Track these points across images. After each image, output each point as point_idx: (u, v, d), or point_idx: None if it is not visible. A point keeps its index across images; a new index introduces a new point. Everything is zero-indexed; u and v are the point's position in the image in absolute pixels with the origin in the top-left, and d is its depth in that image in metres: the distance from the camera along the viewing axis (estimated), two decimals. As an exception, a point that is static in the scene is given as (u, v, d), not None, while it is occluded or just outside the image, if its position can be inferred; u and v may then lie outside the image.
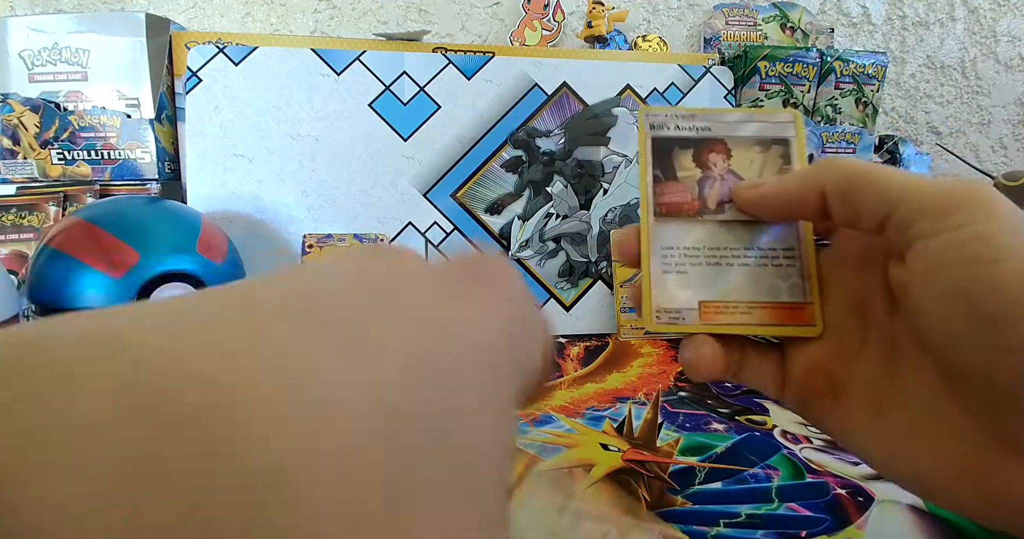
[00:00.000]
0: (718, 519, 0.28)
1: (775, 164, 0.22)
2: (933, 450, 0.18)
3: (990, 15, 0.99)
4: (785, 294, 0.21)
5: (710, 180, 0.22)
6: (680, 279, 0.21)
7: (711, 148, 0.22)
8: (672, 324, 0.21)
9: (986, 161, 1.05)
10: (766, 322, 0.21)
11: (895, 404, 0.19)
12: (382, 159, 0.64)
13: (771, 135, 0.22)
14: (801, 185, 0.20)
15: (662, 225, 0.22)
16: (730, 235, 0.22)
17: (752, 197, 0.21)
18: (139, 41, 0.62)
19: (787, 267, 0.21)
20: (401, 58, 0.66)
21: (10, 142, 0.61)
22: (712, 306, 0.21)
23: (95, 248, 0.43)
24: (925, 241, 0.17)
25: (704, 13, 0.92)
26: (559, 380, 0.46)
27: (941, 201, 0.17)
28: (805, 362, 0.22)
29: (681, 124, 0.22)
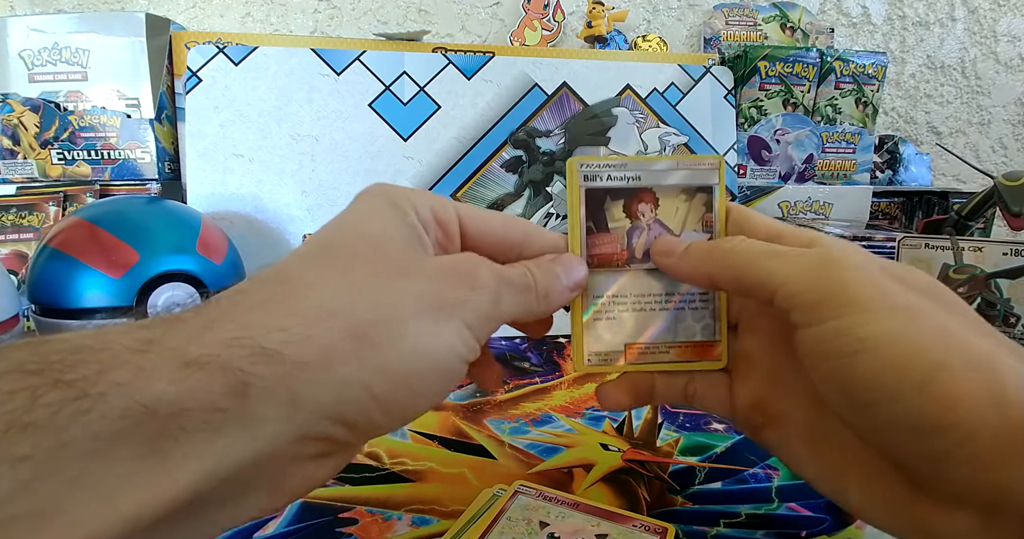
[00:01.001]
0: (718, 519, 0.28)
1: (698, 212, 0.24)
2: (862, 486, 0.20)
3: (990, 15, 0.99)
4: (699, 334, 0.24)
5: (638, 230, 0.24)
6: (609, 325, 0.24)
7: (640, 198, 0.23)
8: (601, 365, 0.24)
9: (986, 161, 1.05)
10: (681, 359, 0.24)
11: (825, 443, 0.21)
12: (382, 159, 0.64)
13: (695, 183, 0.24)
14: (695, 269, 0.22)
15: (594, 275, 0.23)
16: (654, 282, 0.24)
17: (661, 265, 0.23)
18: (139, 41, 0.62)
19: (701, 309, 0.24)
20: (401, 58, 0.66)
21: (10, 142, 0.61)
22: (636, 347, 0.24)
23: (95, 248, 0.43)
24: (800, 330, 0.18)
25: (704, 13, 0.92)
26: (559, 380, 0.46)
27: (808, 297, 0.18)
28: (746, 395, 0.24)
29: (613, 174, 0.23)
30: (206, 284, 0.46)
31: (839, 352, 0.17)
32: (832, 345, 0.17)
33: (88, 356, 0.13)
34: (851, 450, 0.20)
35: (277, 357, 0.15)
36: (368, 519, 0.28)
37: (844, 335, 0.17)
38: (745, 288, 0.20)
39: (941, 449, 0.16)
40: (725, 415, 0.24)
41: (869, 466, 0.19)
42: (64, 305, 0.42)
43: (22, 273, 0.56)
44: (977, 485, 0.16)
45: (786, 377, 0.22)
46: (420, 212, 0.20)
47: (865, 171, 0.79)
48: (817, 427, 0.21)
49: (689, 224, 0.23)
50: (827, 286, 0.18)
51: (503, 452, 0.34)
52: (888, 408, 0.16)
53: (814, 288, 0.18)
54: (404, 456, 0.34)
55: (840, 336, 0.17)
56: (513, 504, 0.28)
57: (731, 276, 0.21)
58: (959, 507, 0.17)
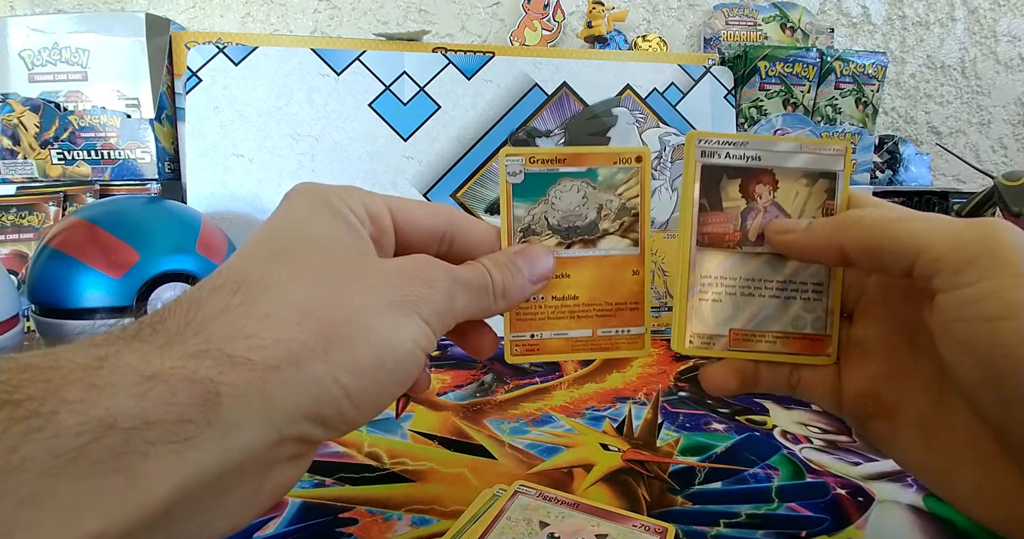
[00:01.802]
0: (718, 519, 0.28)
1: (819, 198, 0.23)
2: (973, 475, 0.19)
3: (990, 15, 0.99)
4: (809, 326, 0.23)
5: (753, 212, 0.23)
6: (714, 307, 0.23)
7: (759, 179, 0.22)
8: (703, 348, 0.23)
9: (986, 161, 1.05)
10: (787, 351, 0.23)
11: (941, 431, 0.20)
12: (382, 159, 0.64)
13: (819, 168, 0.23)
14: (823, 241, 0.21)
15: (702, 254, 0.22)
16: (765, 267, 0.23)
17: (781, 242, 0.22)
18: (139, 41, 0.62)
19: (813, 300, 0.23)
20: (401, 58, 0.66)
21: (10, 142, 0.61)
22: (741, 334, 0.23)
23: (95, 248, 0.43)
24: (941, 295, 0.17)
25: (704, 13, 0.92)
26: (559, 380, 0.46)
27: (956, 257, 0.17)
28: (858, 384, 0.23)
29: (732, 152, 0.22)
30: (206, 284, 0.46)
31: (985, 316, 0.16)
32: (977, 309, 0.16)
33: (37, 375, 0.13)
34: (966, 438, 0.19)
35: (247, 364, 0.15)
36: (368, 519, 0.28)
37: (992, 298, 0.16)
38: (882, 256, 0.19)
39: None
40: (830, 407, 0.24)
41: (983, 455, 0.19)
42: (64, 305, 0.42)
43: (22, 273, 0.56)
44: None
45: (904, 363, 0.21)
46: (355, 210, 0.20)
47: (865, 171, 0.79)
48: (932, 415, 0.20)
49: (809, 210, 0.22)
50: (979, 247, 0.17)
51: (503, 452, 0.34)
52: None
53: (964, 249, 0.17)
54: (404, 456, 0.34)
55: (988, 299, 0.16)
56: (513, 504, 0.28)
57: (866, 245, 0.19)
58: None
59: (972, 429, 0.19)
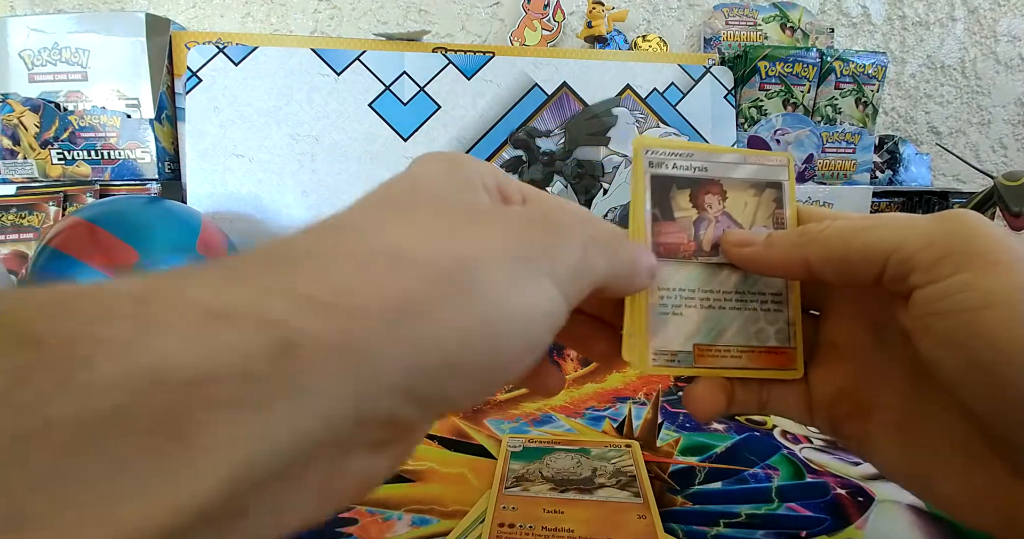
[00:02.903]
0: (718, 519, 0.28)
1: (768, 208, 0.23)
2: (956, 475, 0.19)
3: (990, 15, 0.99)
4: (772, 339, 0.22)
5: (705, 221, 0.22)
6: (676, 321, 0.22)
7: (707, 189, 0.22)
8: (667, 366, 0.21)
9: (986, 161, 1.05)
10: (753, 366, 0.22)
11: (920, 430, 0.20)
12: (382, 159, 0.64)
13: (765, 178, 0.23)
14: (785, 257, 0.20)
15: (659, 265, 0.22)
16: (723, 278, 0.22)
17: (738, 255, 0.21)
18: (139, 41, 0.62)
19: (775, 312, 0.22)
20: (401, 58, 0.66)
21: (10, 142, 0.61)
22: (705, 349, 0.22)
23: (95, 248, 0.43)
24: (918, 292, 0.17)
25: (704, 13, 0.92)
26: (559, 380, 0.46)
27: (928, 254, 0.17)
28: (830, 386, 0.22)
29: (679, 163, 0.22)
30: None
31: (963, 307, 0.16)
32: (956, 300, 0.16)
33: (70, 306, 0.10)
34: (947, 436, 0.19)
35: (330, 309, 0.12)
36: (368, 519, 0.28)
37: (970, 288, 0.16)
38: (850, 266, 0.19)
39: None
40: (800, 417, 0.23)
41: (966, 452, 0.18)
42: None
43: (22, 273, 0.56)
44: None
45: (876, 363, 0.21)
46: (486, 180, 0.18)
47: (865, 171, 0.79)
48: (909, 415, 0.20)
49: (759, 219, 0.22)
50: (951, 241, 0.17)
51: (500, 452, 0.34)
52: (1013, 370, 0.15)
53: (936, 244, 0.17)
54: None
55: (965, 289, 0.16)
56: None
57: (831, 255, 0.19)
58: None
59: (952, 428, 0.19)
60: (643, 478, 0.25)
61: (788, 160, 0.23)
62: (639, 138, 0.22)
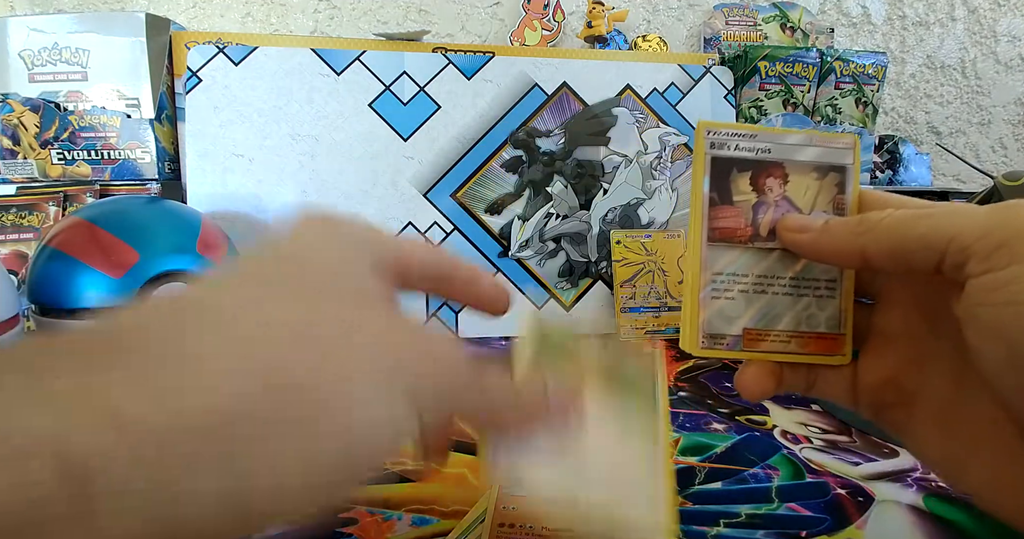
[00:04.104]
0: (718, 519, 0.28)
1: (830, 193, 0.22)
2: (988, 464, 0.19)
3: (990, 15, 0.99)
4: (822, 325, 0.22)
5: (764, 206, 0.22)
6: (727, 305, 0.22)
7: (769, 172, 0.22)
8: (713, 348, 0.22)
9: (986, 161, 1.05)
10: (801, 351, 0.22)
11: (960, 419, 0.20)
12: (382, 159, 0.64)
13: (829, 161, 0.22)
14: (842, 245, 0.20)
15: (713, 250, 0.22)
16: (777, 263, 0.22)
17: (795, 241, 0.21)
18: (139, 41, 0.62)
19: (826, 298, 0.22)
20: (401, 58, 0.66)
21: (10, 142, 0.61)
22: (754, 333, 0.22)
23: (95, 248, 0.43)
24: (972, 280, 0.17)
25: (704, 13, 0.92)
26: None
27: (985, 243, 0.17)
28: (877, 373, 0.22)
29: (741, 144, 0.22)
30: (206, 284, 0.46)
31: (1015, 299, 0.16)
32: (1007, 292, 0.16)
33: None
34: (984, 427, 0.19)
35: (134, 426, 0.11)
36: (368, 519, 0.28)
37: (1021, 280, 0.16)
38: (907, 253, 0.18)
39: None
40: (845, 401, 0.23)
41: (1001, 444, 0.19)
42: (64, 305, 0.42)
43: (22, 273, 0.56)
44: None
45: (925, 350, 0.21)
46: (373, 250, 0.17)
47: (865, 171, 0.79)
48: (951, 403, 0.20)
49: (819, 204, 0.22)
50: (1008, 231, 0.17)
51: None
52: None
53: (993, 233, 0.17)
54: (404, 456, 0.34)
55: (1018, 281, 0.16)
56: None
57: (890, 245, 0.19)
58: None
59: (991, 418, 0.19)
60: None
61: (855, 142, 0.22)
62: (702, 121, 0.22)
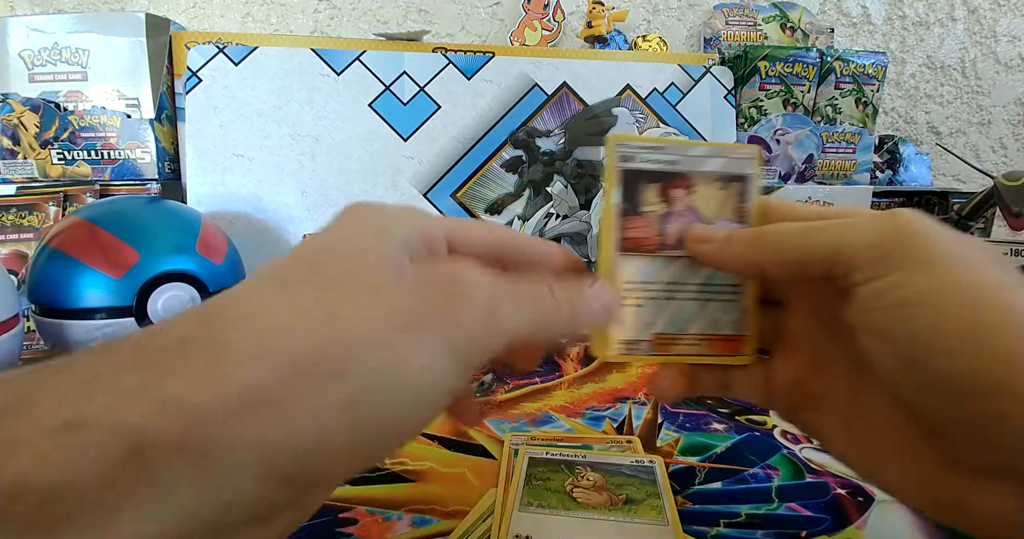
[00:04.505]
0: (718, 519, 0.28)
1: (733, 201, 0.23)
2: (897, 464, 0.19)
3: (990, 15, 0.99)
4: (727, 327, 0.23)
5: (671, 216, 0.23)
6: (637, 312, 0.23)
7: (676, 183, 0.23)
8: (627, 354, 0.23)
9: (986, 161, 1.05)
10: (708, 353, 0.23)
11: (861, 420, 0.21)
12: (382, 159, 0.64)
13: (731, 172, 0.23)
14: (740, 257, 0.21)
15: (624, 259, 0.23)
16: (685, 270, 0.23)
17: (698, 252, 0.22)
18: (139, 41, 0.62)
19: (731, 302, 0.23)
20: (401, 58, 0.66)
21: (10, 142, 0.61)
22: (664, 337, 0.23)
23: (95, 248, 0.43)
24: (859, 289, 0.18)
25: (704, 13, 0.92)
26: (559, 380, 0.46)
27: (869, 254, 0.18)
28: (785, 375, 0.23)
29: (650, 157, 0.23)
30: (206, 284, 0.46)
31: (897, 304, 0.17)
32: (891, 297, 0.17)
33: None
34: (888, 427, 0.20)
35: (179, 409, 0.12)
36: (368, 519, 0.28)
37: (904, 286, 0.17)
38: (799, 266, 0.20)
39: (992, 412, 0.15)
40: (760, 401, 0.24)
41: (904, 443, 0.19)
42: (64, 305, 0.42)
43: (22, 273, 0.56)
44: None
45: (828, 354, 0.22)
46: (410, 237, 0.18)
47: (865, 171, 0.79)
48: (855, 405, 0.21)
49: (723, 213, 0.23)
50: (890, 239, 0.17)
51: (503, 452, 0.34)
52: (941, 364, 0.16)
53: (878, 244, 0.18)
54: (404, 456, 0.34)
55: (900, 287, 0.17)
56: (513, 504, 0.28)
57: (783, 258, 0.20)
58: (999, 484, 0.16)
59: (893, 418, 0.19)
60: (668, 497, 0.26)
61: (756, 153, 0.23)
62: (612, 134, 0.23)
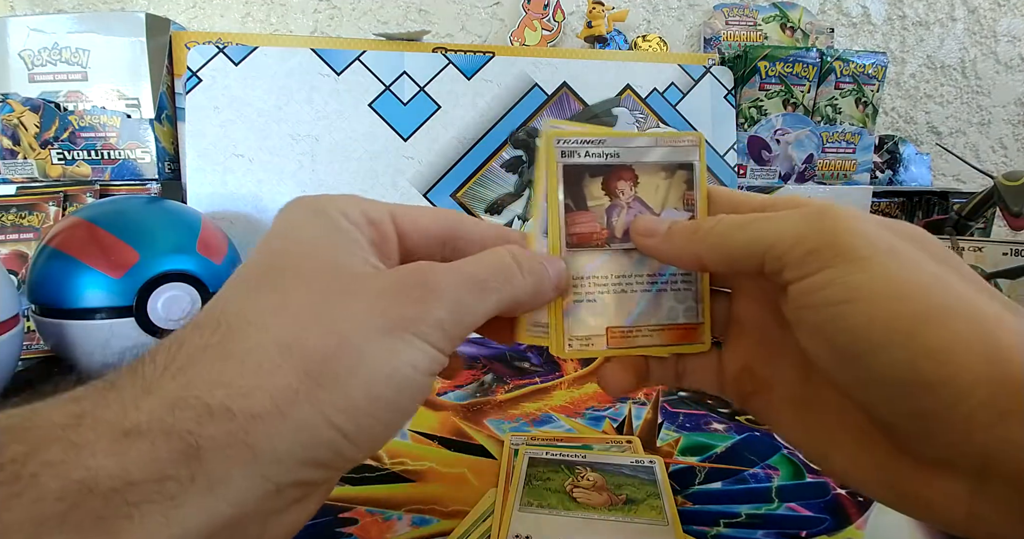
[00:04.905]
0: (718, 519, 0.28)
1: (679, 189, 0.23)
2: (848, 451, 0.19)
3: (990, 15, 0.99)
4: (681, 316, 0.23)
5: (617, 209, 0.23)
6: (589, 307, 0.23)
7: (619, 175, 0.23)
8: (582, 350, 0.23)
9: (986, 161, 1.05)
10: (664, 343, 0.23)
11: (813, 408, 0.21)
12: (382, 159, 0.64)
13: (676, 160, 0.23)
14: (681, 250, 0.21)
15: (573, 255, 0.22)
16: (634, 263, 0.23)
17: (643, 246, 0.22)
18: (139, 41, 0.62)
19: (684, 291, 0.23)
20: (401, 58, 0.66)
21: (10, 142, 0.61)
22: (618, 331, 0.23)
23: (95, 248, 0.43)
24: (791, 287, 0.18)
25: (704, 13, 0.92)
26: (559, 380, 0.46)
27: (798, 250, 0.17)
28: (736, 362, 0.23)
29: (591, 150, 0.22)
30: (206, 284, 0.46)
31: (828, 301, 0.17)
32: (821, 295, 0.17)
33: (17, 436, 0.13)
34: (837, 415, 0.20)
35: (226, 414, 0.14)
36: (368, 519, 0.28)
37: (834, 284, 0.16)
38: (734, 261, 0.20)
39: (932, 407, 0.15)
40: (713, 389, 0.24)
41: (854, 431, 0.19)
42: (64, 305, 0.42)
43: (22, 273, 0.56)
44: (967, 447, 0.15)
45: (776, 341, 0.22)
46: (351, 216, 0.19)
47: (865, 171, 0.79)
48: (804, 392, 0.21)
49: (670, 202, 0.23)
50: (817, 237, 0.17)
51: (503, 452, 0.34)
52: (877, 360, 0.16)
53: (804, 241, 0.17)
54: (404, 456, 0.34)
55: (829, 285, 0.17)
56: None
57: (720, 253, 0.20)
58: (948, 471, 0.16)
59: (841, 406, 0.19)
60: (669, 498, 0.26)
61: (699, 139, 0.23)
62: (548, 130, 0.22)
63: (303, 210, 0.20)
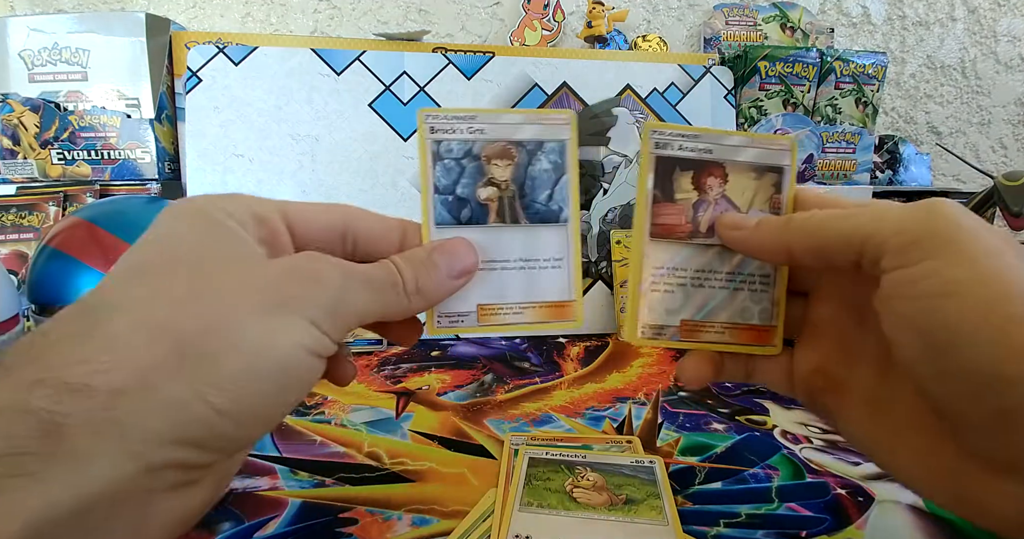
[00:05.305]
0: (718, 519, 0.28)
1: (767, 192, 0.23)
2: (915, 453, 0.19)
3: (990, 15, 0.99)
4: (755, 317, 0.23)
5: (704, 204, 0.23)
6: (666, 298, 0.23)
7: (710, 171, 0.23)
8: (654, 339, 0.23)
9: (986, 161, 1.05)
10: (735, 341, 0.24)
11: (886, 408, 0.21)
12: (382, 159, 0.64)
13: (767, 162, 0.23)
14: (771, 243, 0.21)
15: (655, 245, 0.23)
16: (715, 259, 0.23)
17: (730, 238, 0.23)
18: (139, 41, 0.62)
19: (760, 292, 0.23)
20: (401, 58, 0.66)
21: (10, 142, 0.61)
22: (691, 324, 0.23)
23: (95, 248, 0.43)
24: (886, 276, 0.18)
25: (704, 13, 0.92)
26: (559, 380, 0.46)
27: (899, 240, 0.18)
28: (809, 362, 0.23)
29: (684, 144, 0.23)
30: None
31: (926, 293, 0.17)
32: (920, 286, 0.17)
33: None
34: (908, 415, 0.20)
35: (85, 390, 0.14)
36: (368, 519, 0.28)
37: (934, 275, 0.17)
38: (828, 250, 0.20)
39: (1011, 404, 0.15)
40: (782, 388, 0.24)
41: (924, 431, 0.19)
42: (64, 305, 0.42)
43: (22, 273, 0.56)
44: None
45: (854, 342, 0.22)
46: (236, 215, 0.19)
47: (865, 171, 0.79)
48: (878, 392, 0.21)
49: (756, 203, 0.23)
50: (922, 227, 0.17)
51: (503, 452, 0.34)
52: (965, 353, 0.16)
53: (907, 231, 0.17)
54: (404, 456, 0.34)
55: (930, 276, 0.17)
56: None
57: (812, 243, 0.20)
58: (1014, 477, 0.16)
59: (915, 408, 0.20)
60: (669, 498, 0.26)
61: (792, 145, 0.23)
62: (648, 122, 0.23)
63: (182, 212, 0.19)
